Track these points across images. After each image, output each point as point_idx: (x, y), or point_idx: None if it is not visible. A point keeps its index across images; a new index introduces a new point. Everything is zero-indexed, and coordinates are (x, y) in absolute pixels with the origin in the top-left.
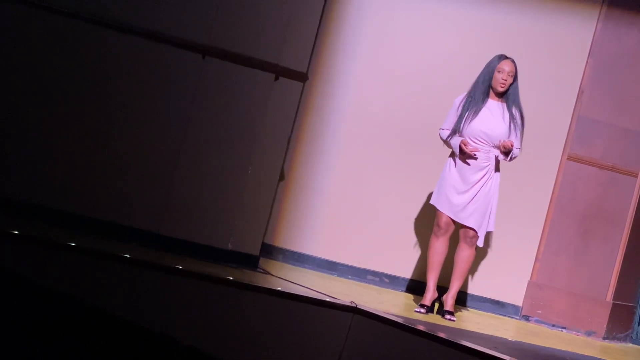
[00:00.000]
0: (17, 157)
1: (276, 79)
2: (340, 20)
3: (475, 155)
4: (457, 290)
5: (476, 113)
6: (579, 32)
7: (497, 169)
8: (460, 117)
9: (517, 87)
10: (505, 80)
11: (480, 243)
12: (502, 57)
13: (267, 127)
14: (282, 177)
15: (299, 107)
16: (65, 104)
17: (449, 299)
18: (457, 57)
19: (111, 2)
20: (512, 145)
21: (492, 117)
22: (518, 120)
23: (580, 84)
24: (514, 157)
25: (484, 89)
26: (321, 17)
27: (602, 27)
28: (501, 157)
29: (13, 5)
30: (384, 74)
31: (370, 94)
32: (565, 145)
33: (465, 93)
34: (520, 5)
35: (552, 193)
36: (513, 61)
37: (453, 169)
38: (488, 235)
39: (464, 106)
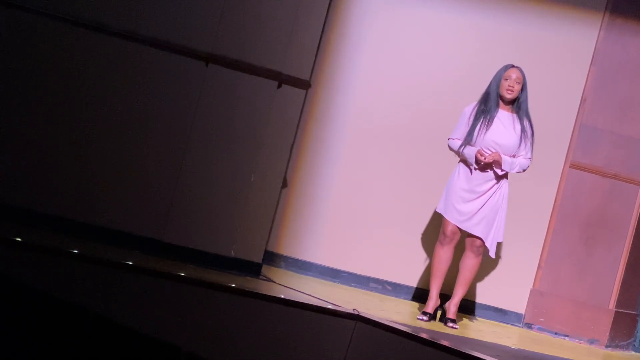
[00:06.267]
0: (19, 164)
1: (279, 86)
2: (343, 27)
3: (491, 160)
4: (461, 298)
5: (489, 124)
6: (582, 40)
7: (505, 178)
8: (472, 128)
9: (526, 97)
10: (512, 87)
11: (492, 254)
12: (509, 66)
13: (270, 135)
14: (284, 184)
15: (301, 114)
16: (68, 111)
17: (452, 307)
18: (460, 65)
19: (114, 9)
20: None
21: (504, 127)
22: (528, 131)
23: (583, 92)
24: (525, 169)
25: (494, 98)
26: (324, 24)
27: (604, 35)
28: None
29: (14, 11)
30: (387, 81)
31: (373, 101)
32: (567, 153)
33: (475, 103)
34: (523, 13)
35: (555, 201)
36: (520, 69)
37: (461, 178)
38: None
39: (475, 117)
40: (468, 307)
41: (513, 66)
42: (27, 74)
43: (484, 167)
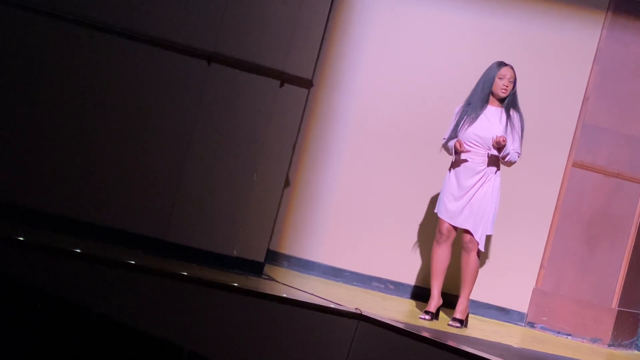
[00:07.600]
0: (22, 163)
1: (281, 85)
2: (345, 27)
3: (468, 150)
4: (467, 297)
5: (474, 119)
6: (584, 39)
7: (496, 171)
8: (457, 124)
9: (515, 93)
10: (507, 86)
11: (481, 247)
12: (502, 64)
13: (273, 134)
14: (287, 184)
15: (304, 113)
16: (70, 110)
17: (459, 306)
18: (463, 64)
19: (116, 8)
20: (504, 141)
21: (488, 122)
22: (516, 124)
23: (585, 90)
24: (513, 162)
25: (483, 95)
26: (326, 24)
27: (607, 33)
28: (494, 152)
29: (15, 10)
30: (389, 80)
31: (375, 100)
32: (570, 152)
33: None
34: (526, 12)
35: (557, 200)
36: (512, 67)
37: (452, 176)
38: (492, 241)
39: (461, 113)
40: (470, 306)
41: (506, 65)
42: (28, 74)
43: (463, 158)
